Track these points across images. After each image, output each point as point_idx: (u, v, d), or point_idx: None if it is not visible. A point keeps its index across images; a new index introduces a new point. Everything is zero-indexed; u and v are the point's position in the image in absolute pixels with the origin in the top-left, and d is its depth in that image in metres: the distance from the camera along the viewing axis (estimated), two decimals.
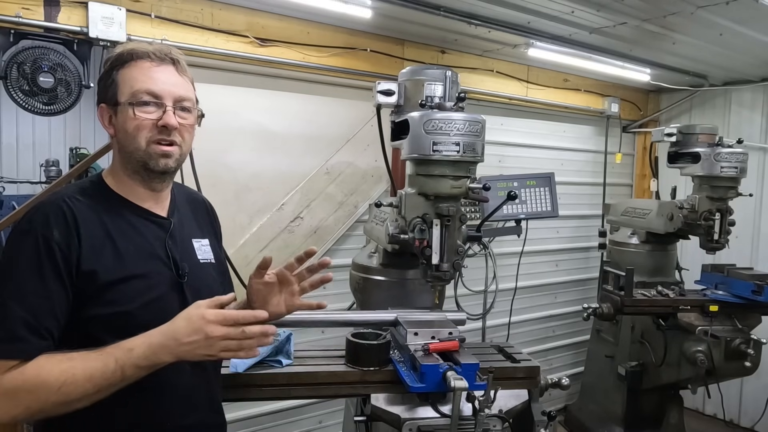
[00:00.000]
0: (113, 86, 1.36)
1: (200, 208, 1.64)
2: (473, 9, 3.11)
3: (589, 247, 4.81)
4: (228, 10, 2.94)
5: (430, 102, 1.91)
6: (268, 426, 3.28)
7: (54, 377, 1.17)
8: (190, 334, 1.22)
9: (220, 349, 1.25)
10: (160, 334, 1.23)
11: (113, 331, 1.27)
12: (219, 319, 1.24)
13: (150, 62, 1.36)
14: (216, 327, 1.23)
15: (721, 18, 3.10)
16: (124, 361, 1.20)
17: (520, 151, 4.33)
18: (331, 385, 1.70)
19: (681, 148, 3.60)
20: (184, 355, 1.23)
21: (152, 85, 1.35)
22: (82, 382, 1.18)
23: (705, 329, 3.15)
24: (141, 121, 1.34)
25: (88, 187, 1.38)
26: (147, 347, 1.22)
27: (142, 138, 1.34)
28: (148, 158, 1.35)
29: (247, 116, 3.11)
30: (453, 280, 2.17)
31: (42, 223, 1.25)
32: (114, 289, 1.28)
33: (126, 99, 1.34)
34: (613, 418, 4.01)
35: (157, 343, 1.22)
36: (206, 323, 1.23)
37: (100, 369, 1.19)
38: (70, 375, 1.18)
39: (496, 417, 1.67)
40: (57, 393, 1.17)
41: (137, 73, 1.35)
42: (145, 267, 1.34)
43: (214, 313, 1.24)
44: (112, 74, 1.37)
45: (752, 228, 4.60)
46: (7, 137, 6.79)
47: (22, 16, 2.41)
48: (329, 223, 3.41)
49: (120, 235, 1.33)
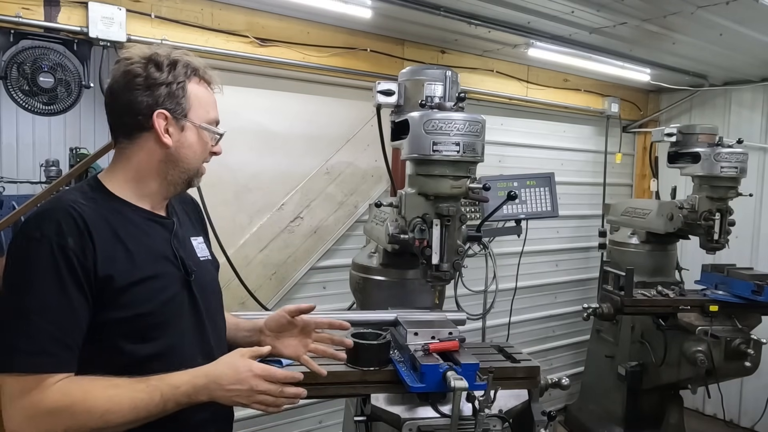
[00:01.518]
0: (185, 99, 1.38)
1: (190, 207, 1.65)
2: (473, 9, 3.11)
3: (589, 247, 4.81)
4: (228, 10, 2.94)
5: (430, 102, 1.91)
6: (268, 426, 3.28)
7: (100, 404, 1.18)
8: (234, 383, 1.29)
9: (257, 401, 1.32)
10: (204, 377, 1.28)
11: (129, 334, 1.28)
12: (265, 375, 1.31)
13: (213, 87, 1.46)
14: (261, 382, 1.30)
15: (721, 18, 3.10)
16: (168, 397, 1.24)
17: (520, 151, 4.33)
18: (331, 385, 1.69)
19: (681, 148, 3.60)
20: (220, 399, 1.30)
21: (218, 116, 1.47)
22: (125, 412, 1.20)
23: (705, 329, 3.15)
24: (208, 147, 1.44)
25: (89, 191, 1.36)
26: (191, 387, 1.26)
27: (201, 160, 1.45)
28: (195, 176, 1.45)
29: (247, 116, 3.10)
30: (453, 280, 2.17)
31: (55, 231, 1.22)
32: (130, 292, 1.28)
33: (202, 122, 1.41)
34: (613, 418, 4.01)
35: (201, 385, 1.27)
36: (252, 376, 1.30)
37: (145, 401, 1.21)
38: (116, 403, 1.20)
39: (496, 417, 1.67)
40: (99, 419, 1.18)
41: (210, 98, 1.45)
42: (156, 268, 1.35)
43: (261, 368, 1.32)
44: (185, 84, 1.38)
45: (752, 228, 4.60)
46: (7, 137, 6.78)
47: (22, 16, 2.41)
48: (329, 223, 3.41)
49: (129, 237, 1.32)
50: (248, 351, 1.35)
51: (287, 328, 1.58)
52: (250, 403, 1.31)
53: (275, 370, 1.34)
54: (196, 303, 1.43)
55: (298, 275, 3.31)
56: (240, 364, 1.31)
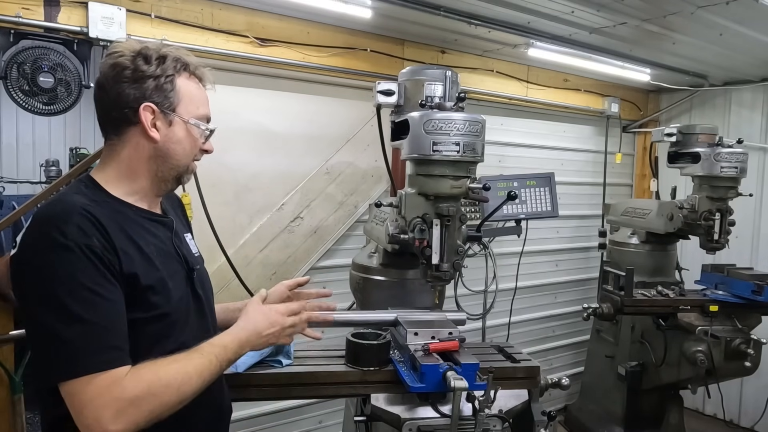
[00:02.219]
0: (174, 93, 1.35)
1: (176, 204, 1.66)
2: (473, 9, 3.11)
3: (589, 247, 4.81)
4: (228, 10, 2.94)
5: (430, 102, 1.91)
6: (268, 426, 3.28)
7: (172, 377, 1.21)
8: (269, 327, 1.47)
9: (287, 334, 1.53)
10: (244, 331, 1.43)
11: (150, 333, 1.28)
12: (288, 311, 1.53)
13: (204, 83, 1.44)
14: (288, 318, 1.52)
15: (721, 18, 3.10)
16: (222, 358, 1.33)
17: (520, 151, 4.33)
18: (331, 385, 1.70)
19: (681, 148, 3.59)
20: (257, 345, 1.47)
21: (208, 112, 1.45)
22: (194, 381, 1.25)
23: (705, 329, 3.15)
24: (198, 144, 1.43)
25: (89, 193, 1.32)
26: (237, 343, 1.39)
27: (191, 157, 1.43)
28: (185, 173, 1.44)
29: (247, 116, 3.10)
30: (453, 280, 2.17)
31: (79, 234, 1.18)
32: (152, 292, 1.28)
33: (191, 117, 1.38)
34: (613, 418, 4.01)
35: (245, 339, 1.42)
36: (281, 316, 1.50)
37: (207, 366, 1.28)
38: (184, 373, 1.24)
39: (496, 417, 1.67)
40: (176, 393, 1.22)
41: (201, 95, 1.43)
42: (168, 267, 1.36)
43: (284, 308, 1.53)
44: (174, 78, 1.35)
45: (752, 228, 4.60)
46: (7, 137, 6.79)
47: (22, 16, 2.41)
48: (329, 223, 3.41)
49: (140, 238, 1.32)
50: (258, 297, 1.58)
51: (285, 300, 1.71)
52: (285, 338, 1.53)
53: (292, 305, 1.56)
54: (199, 298, 1.46)
55: (298, 275, 3.30)
56: (266, 310, 1.50)
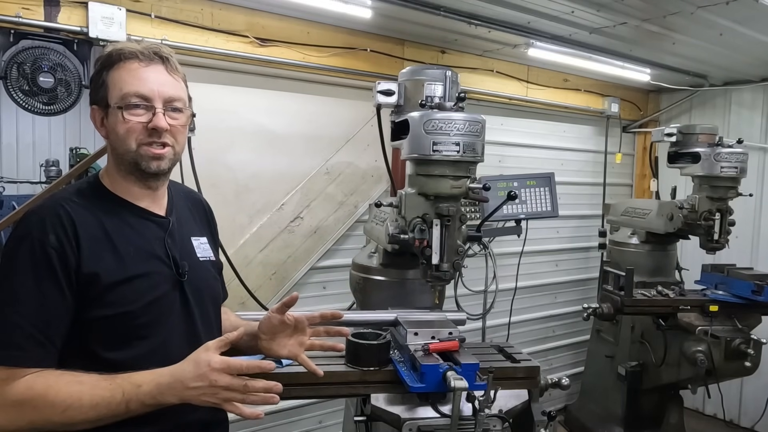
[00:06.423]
0: (103, 88, 1.35)
1: (198, 207, 1.64)
2: (473, 9, 3.11)
3: (589, 247, 4.81)
4: (228, 10, 2.94)
5: (430, 102, 1.91)
6: (268, 426, 3.28)
7: (60, 399, 1.18)
8: (195, 379, 1.21)
9: (224, 398, 1.23)
10: (169, 375, 1.22)
11: (115, 332, 1.27)
12: (223, 368, 1.21)
13: (138, 62, 1.34)
14: (220, 375, 1.21)
15: (721, 18, 3.10)
16: (131, 396, 1.20)
17: (520, 151, 4.33)
18: (331, 385, 1.70)
19: (681, 148, 3.60)
20: (189, 399, 1.22)
21: (141, 87, 1.33)
22: (86, 410, 1.18)
23: (705, 329, 3.15)
24: (131, 125, 1.33)
25: (85, 189, 1.38)
26: (155, 386, 1.21)
27: (133, 141, 1.34)
28: (139, 160, 1.35)
29: (247, 116, 3.10)
30: (453, 280, 2.17)
31: (38, 227, 1.24)
32: (116, 291, 1.27)
33: (116, 102, 1.33)
34: (613, 418, 4.00)
35: (165, 384, 1.21)
36: (211, 370, 1.21)
37: (106, 399, 1.19)
38: (76, 399, 1.18)
39: (496, 417, 1.67)
40: (61, 415, 1.18)
41: (126, 75, 1.33)
42: (145, 267, 1.34)
43: (220, 361, 1.22)
44: (102, 75, 1.36)
45: (752, 228, 4.60)
46: (7, 137, 6.78)
47: (22, 16, 2.41)
48: (329, 223, 3.41)
49: (119, 235, 1.32)
50: (215, 343, 1.25)
51: (281, 329, 1.49)
52: (221, 402, 1.22)
53: (234, 360, 1.23)
54: (188, 304, 1.40)
55: (298, 275, 3.31)
56: (201, 358, 1.22)
